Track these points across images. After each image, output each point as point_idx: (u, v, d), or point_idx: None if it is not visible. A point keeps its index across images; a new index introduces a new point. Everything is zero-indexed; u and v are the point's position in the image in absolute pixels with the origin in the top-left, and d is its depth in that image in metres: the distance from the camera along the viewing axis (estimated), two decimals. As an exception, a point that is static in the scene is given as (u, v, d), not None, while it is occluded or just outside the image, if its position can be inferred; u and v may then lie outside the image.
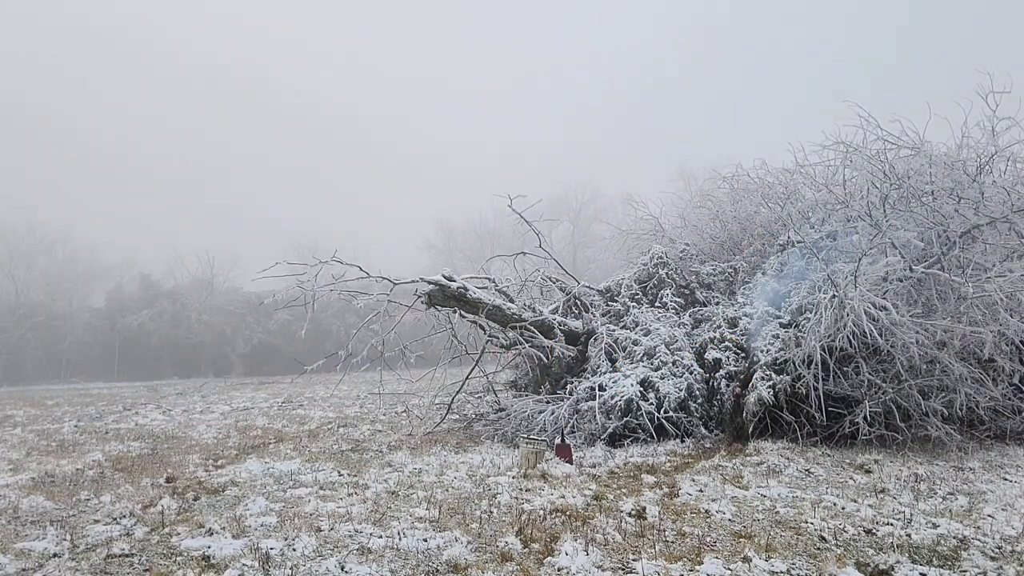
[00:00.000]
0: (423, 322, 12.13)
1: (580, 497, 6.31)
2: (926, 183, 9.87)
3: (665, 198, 20.00)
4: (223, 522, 5.51)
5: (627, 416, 9.47)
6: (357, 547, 4.91)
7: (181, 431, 12.35)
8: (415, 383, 12.88)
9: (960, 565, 4.58)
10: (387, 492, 6.68)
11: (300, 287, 10.48)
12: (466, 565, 4.56)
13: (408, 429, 11.62)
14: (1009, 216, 9.27)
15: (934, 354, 8.88)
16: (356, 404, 16.89)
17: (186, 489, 7.02)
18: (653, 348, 10.46)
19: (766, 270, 11.49)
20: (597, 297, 12.62)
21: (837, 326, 8.73)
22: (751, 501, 6.21)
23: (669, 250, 12.88)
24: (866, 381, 8.98)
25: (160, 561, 4.75)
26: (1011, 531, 5.34)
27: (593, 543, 4.87)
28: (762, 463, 7.71)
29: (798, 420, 8.98)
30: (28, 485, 7.39)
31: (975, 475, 7.40)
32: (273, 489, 6.92)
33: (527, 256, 13.53)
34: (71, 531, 5.46)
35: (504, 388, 12.77)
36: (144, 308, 45.67)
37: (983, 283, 8.84)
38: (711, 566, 4.42)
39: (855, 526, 5.37)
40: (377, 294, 10.59)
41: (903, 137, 10.50)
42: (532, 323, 10.68)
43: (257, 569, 4.46)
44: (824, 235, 10.86)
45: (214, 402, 19.33)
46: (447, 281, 10.12)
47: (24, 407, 18.83)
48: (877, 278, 9.23)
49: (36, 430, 12.86)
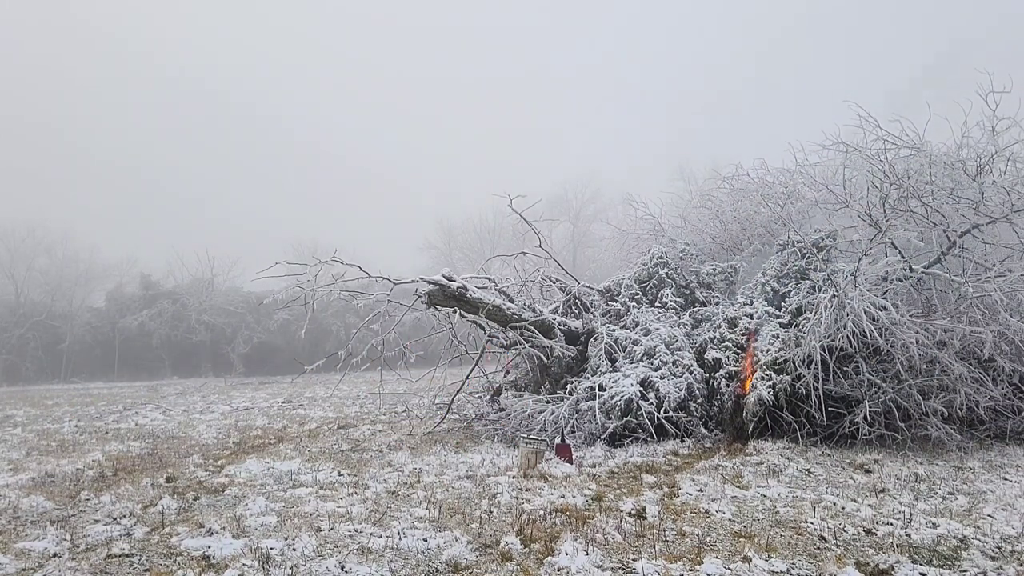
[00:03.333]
0: (423, 322, 12.12)
1: (580, 497, 6.31)
2: (926, 183, 9.87)
3: (665, 198, 20.04)
4: (223, 522, 5.51)
5: (627, 416, 9.47)
6: (357, 547, 4.91)
7: (181, 431, 12.35)
8: (415, 383, 12.87)
9: (960, 565, 4.58)
10: (387, 492, 6.69)
11: (300, 287, 10.47)
12: (466, 565, 4.57)
13: (408, 429, 11.62)
14: (1009, 216, 9.27)
15: (934, 354, 8.88)
16: (356, 404, 16.88)
17: (186, 489, 7.02)
18: (653, 348, 10.46)
19: (766, 270, 11.49)
20: (597, 297, 12.62)
21: (837, 326, 8.74)
22: (751, 501, 6.22)
23: (669, 250, 12.87)
24: (866, 381, 8.99)
25: (160, 561, 4.75)
26: (1011, 531, 5.34)
27: (593, 543, 4.87)
28: (762, 463, 7.71)
29: (798, 420, 8.99)
30: (28, 485, 7.40)
31: (975, 475, 7.40)
32: (273, 489, 6.92)
33: (527, 256, 13.52)
34: (71, 531, 5.46)
35: (504, 388, 12.77)
36: (144, 308, 45.62)
37: (983, 283, 8.84)
38: (711, 566, 4.43)
39: (855, 526, 5.37)
40: (377, 294, 10.58)
41: (903, 137, 10.52)
42: (532, 323, 10.68)
43: (257, 569, 4.46)
44: (824, 235, 10.87)
45: (214, 402, 19.33)
46: (447, 281, 10.12)
47: (24, 407, 18.83)
48: (877, 278, 9.24)
49: (36, 430, 12.86)
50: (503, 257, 14.69)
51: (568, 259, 42.80)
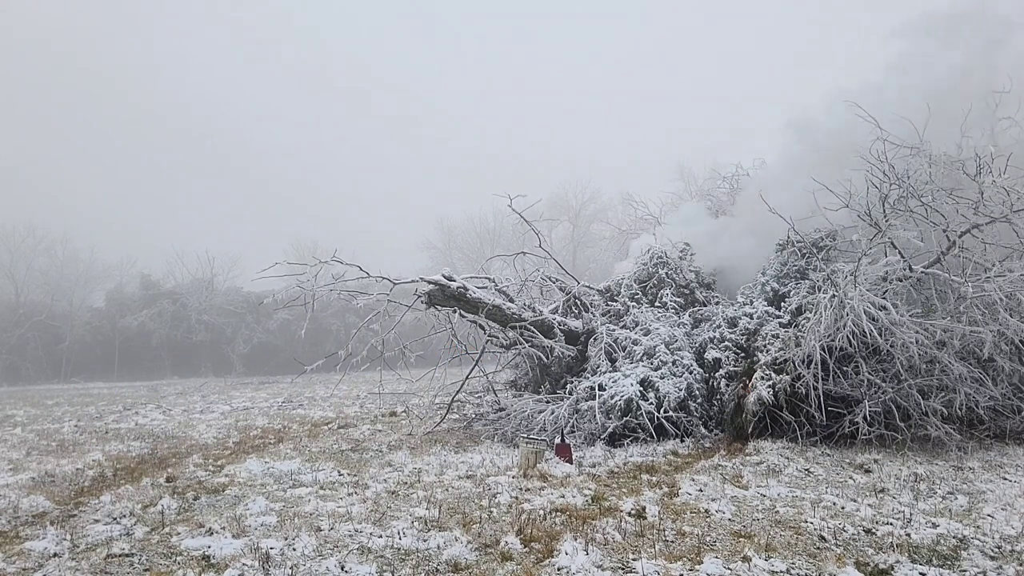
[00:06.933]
0: (423, 322, 12.13)
1: (580, 497, 6.32)
2: (926, 183, 9.87)
3: (665, 198, 20.04)
4: (223, 522, 5.51)
5: (627, 416, 9.47)
6: (357, 547, 4.91)
7: (181, 431, 12.36)
8: (415, 383, 12.88)
9: (960, 565, 4.58)
10: (387, 492, 6.69)
11: (300, 287, 10.49)
12: (466, 565, 4.57)
13: (408, 429, 11.62)
14: (1009, 216, 9.27)
15: (934, 354, 8.88)
16: (356, 404, 16.88)
17: (186, 489, 7.03)
18: (653, 348, 10.46)
19: (766, 270, 11.49)
20: (597, 297, 12.62)
21: (837, 326, 8.74)
22: (751, 501, 6.22)
23: (669, 250, 12.87)
24: (866, 381, 8.98)
25: (160, 561, 4.75)
26: (1011, 530, 5.34)
27: (593, 543, 4.87)
28: (762, 463, 7.72)
29: (798, 420, 8.98)
30: (28, 485, 7.40)
31: (975, 475, 7.40)
32: (273, 489, 6.92)
33: (527, 256, 13.53)
34: (71, 531, 5.46)
35: (504, 388, 12.77)
36: (144, 308, 45.64)
37: (983, 283, 8.84)
38: (711, 566, 4.43)
39: (855, 526, 5.37)
40: (377, 294, 10.58)
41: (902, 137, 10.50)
42: (532, 323, 10.68)
43: (257, 569, 4.46)
44: (824, 235, 10.87)
45: (214, 402, 19.33)
46: (447, 281, 10.12)
47: (24, 407, 18.85)
48: (877, 278, 9.24)
49: (36, 430, 12.87)
50: (503, 257, 14.72)
51: (568, 259, 42.77)
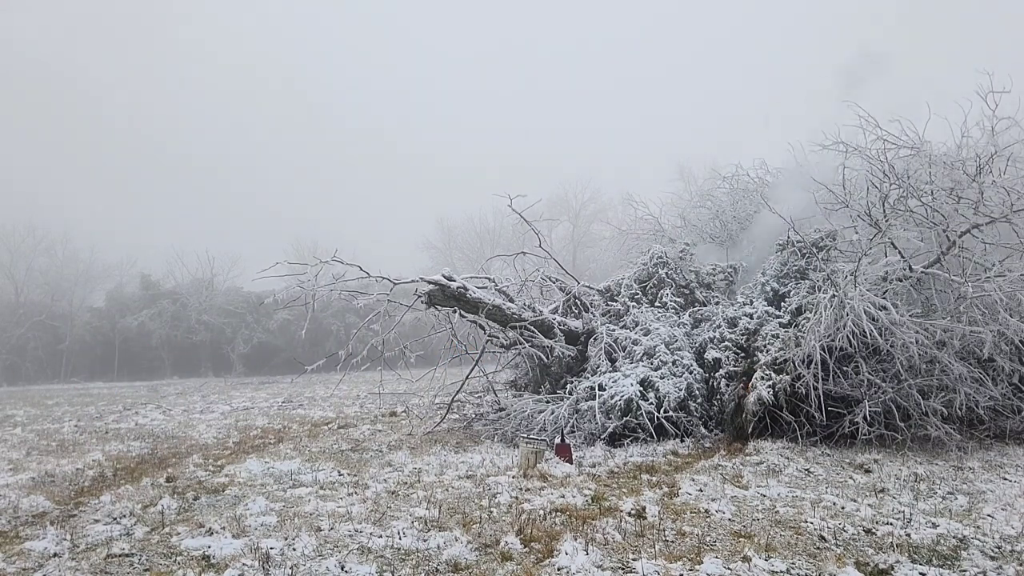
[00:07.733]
0: (423, 322, 12.13)
1: (580, 497, 6.32)
2: (926, 183, 9.87)
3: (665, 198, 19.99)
4: (223, 522, 5.51)
5: (627, 416, 9.47)
6: (357, 547, 4.91)
7: (181, 431, 12.35)
8: (415, 383, 12.88)
9: (960, 565, 4.58)
10: (387, 492, 6.69)
11: (300, 287, 10.49)
12: (466, 565, 4.57)
13: (408, 429, 11.62)
14: (1009, 216, 9.27)
15: (934, 354, 8.88)
16: (356, 404, 16.88)
17: (186, 489, 7.03)
18: (653, 348, 10.46)
19: (766, 270, 11.49)
20: (597, 297, 12.62)
21: (837, 326, 8.74)
22: (751, 501, 6.22)
23: (669, 250, 12.88)
24: (866, 381, 8.98)
25: (160, 561, 4.75)
26: (1010, 531, 5.34)
27: (593, 543, 4.87)
28: (762, 463, 7.72)
29: (798, 420, 8.98)
30: (28, 485, 7.40)
31: (975, 475, 7.40)
32: (273, 489, 6.92)
33: (527, 256, 13.52)
34: (71, 531, 5.46)
35: (504, 388, 12.77)
36: (144, 308, 45.63)
37: (983, 283, 8.84)
38: (711, 566, 4.43)
39: (855, 526, 5.38)
40: (377, 294, 10.59)
41: (903, 137, 10.52)
42: (532, 323, 10.68)
43: (257, 569, 4.46)
44: (824, 235, 10.87)
45: (214, 402, 19.33)
46: (447, 281, 10.12)
47: (24, 407, 18.85)
48: (877, 278, 9.24)
49: (36, 430, 12.87)
50: (503, 257, 14.70)
51: (568, 259, 42.77)
